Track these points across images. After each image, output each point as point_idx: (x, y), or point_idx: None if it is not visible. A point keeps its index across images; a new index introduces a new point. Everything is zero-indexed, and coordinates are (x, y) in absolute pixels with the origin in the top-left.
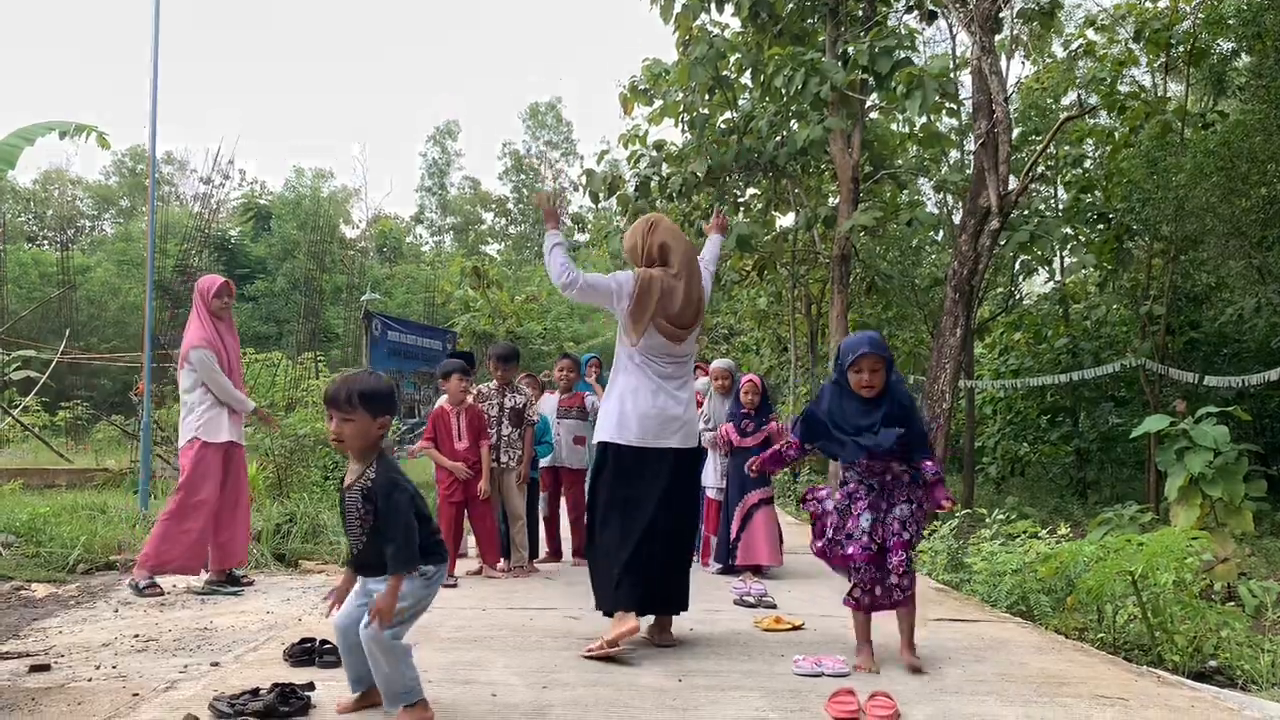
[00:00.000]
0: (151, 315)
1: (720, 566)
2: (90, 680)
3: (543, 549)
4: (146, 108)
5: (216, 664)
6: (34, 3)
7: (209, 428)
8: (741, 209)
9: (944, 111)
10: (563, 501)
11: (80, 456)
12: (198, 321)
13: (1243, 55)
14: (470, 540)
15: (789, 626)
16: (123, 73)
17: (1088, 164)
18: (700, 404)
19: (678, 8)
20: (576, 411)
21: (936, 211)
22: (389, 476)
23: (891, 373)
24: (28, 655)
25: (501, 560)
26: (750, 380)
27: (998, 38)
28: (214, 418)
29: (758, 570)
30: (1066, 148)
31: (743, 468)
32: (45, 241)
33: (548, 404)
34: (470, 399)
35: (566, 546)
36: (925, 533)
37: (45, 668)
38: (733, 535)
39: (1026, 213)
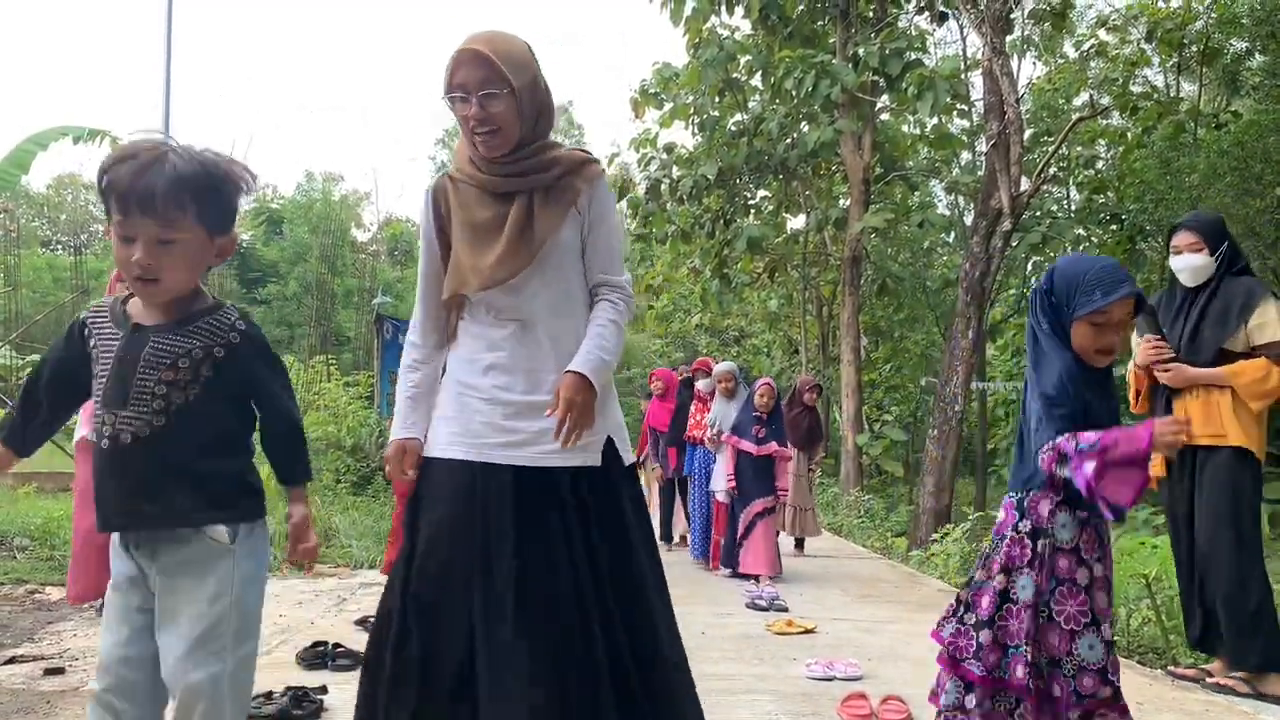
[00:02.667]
0: None
1: (731, 570)
2: None
3: None
4: (159, 112)
5: None
6: (47, 8)
7: None
8: (752, 211)
9: (955, 113)
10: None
11: None
12: None
13: (1257, 55)
14: None
15: (801, 630)
16: (135, 77)
17: (1100, 165)
18: (708, 406)
19: (688, 10)
20: None
21: (948, 213)
22: (255, 326)
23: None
24: (42, 659)
25: None
26: (766, 384)
27: (1009, 38)
28: None
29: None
30: (1079, 149)
31: (751, 474)
32: (59, 246)
33: None
34: None
35: None
36: (938, 535)
37: (60, 671)
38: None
39: (1039, 214)
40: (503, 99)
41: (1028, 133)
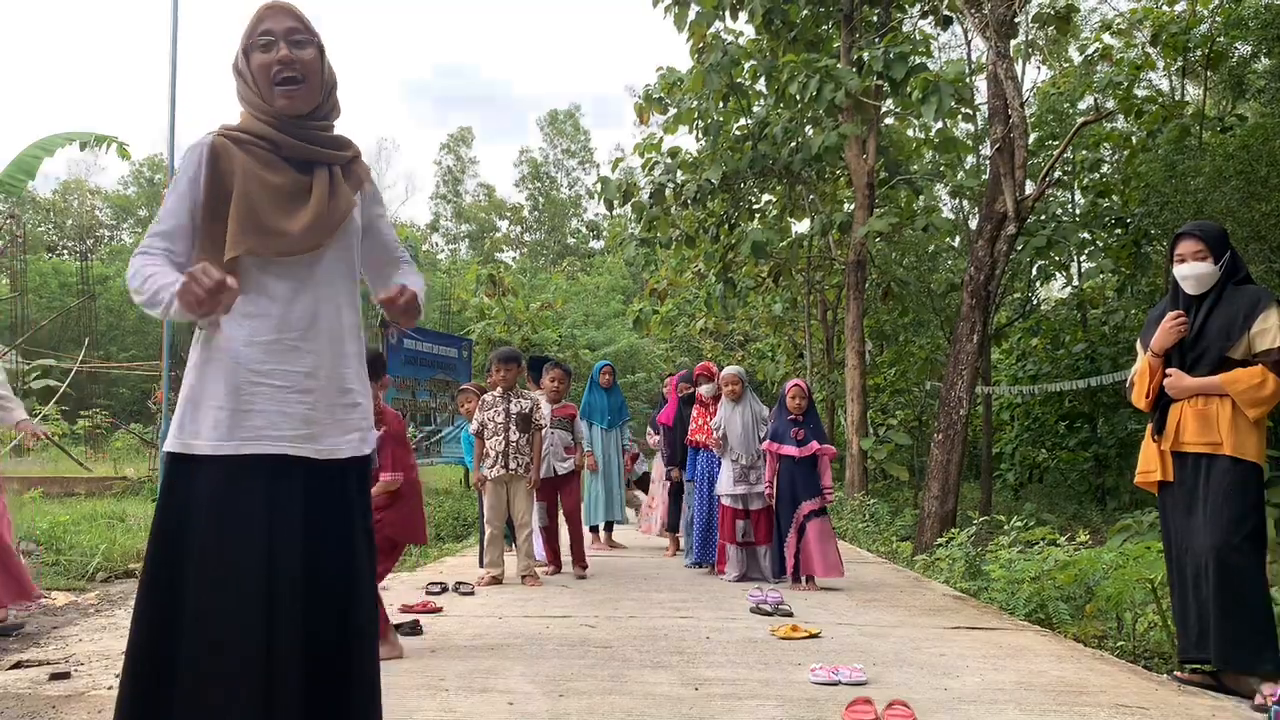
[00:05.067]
0: (170, 324)
1: (737, 574)
2: (110, 688)
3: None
4: (164, 118)
5: None
6: (54, 14)
7: None
8: (757, 215)
9: (960, 117)
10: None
11: (99, 465)
12: None
13: (1262, 58)
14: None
15: (806, 634)
16: (141, 84)
17: (1105, 168)
18: (712, 410)
19: (692, 15)
20: (568, 421)
21: (952, 217)
22: None
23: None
24: (48, 663)
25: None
26: (796, 385)
27: (1013, 42)
28: None
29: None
30: (1084, 152)
31: (795, 478)
32: (65, 251)
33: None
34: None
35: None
36: (943, 539)
37: (65, 675)
38: (790, 549)
39: (1043, 218)
40: (311, 47)
41: (1032, 137)
